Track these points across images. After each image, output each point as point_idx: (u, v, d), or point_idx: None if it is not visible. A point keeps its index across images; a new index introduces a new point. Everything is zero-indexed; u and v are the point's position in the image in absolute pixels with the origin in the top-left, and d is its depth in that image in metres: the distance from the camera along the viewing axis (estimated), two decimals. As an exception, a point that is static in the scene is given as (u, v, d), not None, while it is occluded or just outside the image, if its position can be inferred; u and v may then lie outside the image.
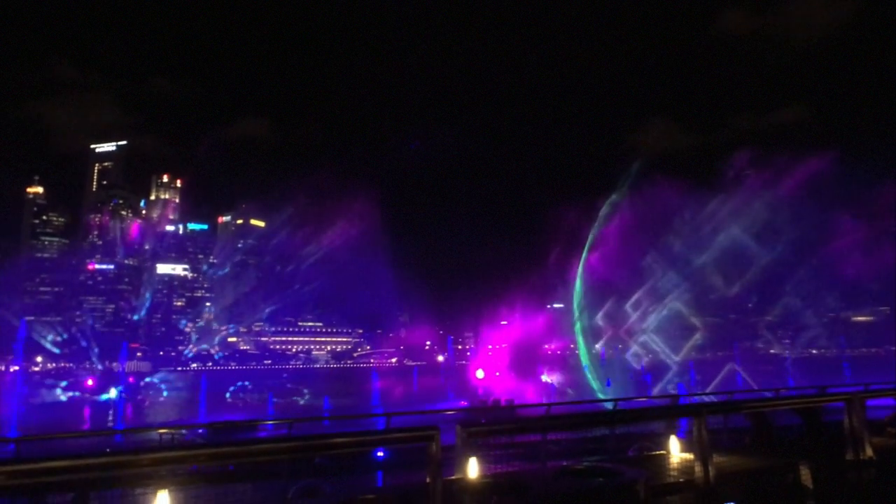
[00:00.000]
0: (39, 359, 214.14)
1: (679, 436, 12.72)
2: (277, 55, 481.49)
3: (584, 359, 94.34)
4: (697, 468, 9.09)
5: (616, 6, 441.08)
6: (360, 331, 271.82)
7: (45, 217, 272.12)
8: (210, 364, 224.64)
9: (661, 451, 13.05)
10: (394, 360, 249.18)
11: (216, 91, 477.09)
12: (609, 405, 28.53)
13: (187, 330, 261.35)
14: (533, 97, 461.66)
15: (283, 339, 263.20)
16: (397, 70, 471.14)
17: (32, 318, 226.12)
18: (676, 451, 11.88)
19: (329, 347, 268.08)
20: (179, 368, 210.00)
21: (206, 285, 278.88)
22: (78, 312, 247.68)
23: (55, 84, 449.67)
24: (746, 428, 17.32)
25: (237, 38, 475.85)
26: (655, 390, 74.13)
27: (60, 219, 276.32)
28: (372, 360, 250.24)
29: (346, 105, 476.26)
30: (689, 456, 10.27)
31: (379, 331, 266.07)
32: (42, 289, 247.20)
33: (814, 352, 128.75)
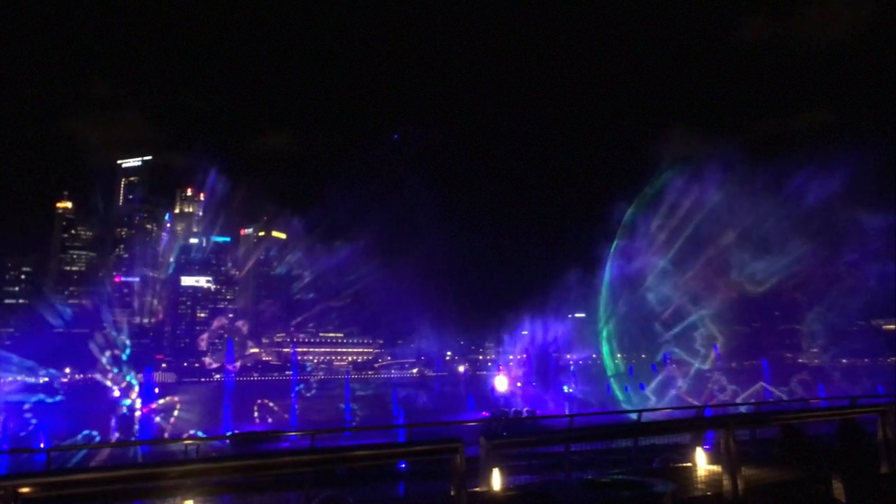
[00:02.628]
0: (68, 370, 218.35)
1: (705, 447, 12.48)
2: (300, 70, 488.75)
3: (609, 369, 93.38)
4: (725, 481, 8.90)
5: (636, 16, 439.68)
6: (381, 341, 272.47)
7: (73, 231, 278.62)
8: (234, 375, 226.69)
9: (687, 464, 12.81)
10: (414, 370, 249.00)
11: (240, 106, 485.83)
12: (633, 416, 28.16)
13: (211, 340, 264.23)
14: (554, 105, 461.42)
15: (305, 349, 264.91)
16: (416, 79, 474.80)
17: (62, 329, 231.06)
18: (703, 464, 11.65)
19: (350, 358, 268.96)
20: (203, 379, 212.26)
21: (228, 297, 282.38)
22: (105, 324, 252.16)
23: (86, 101, 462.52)
24: (775, 438, 16.92)
25: (260, 54, 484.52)
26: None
27: (88, 233, 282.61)
28: (392, 371, 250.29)
29: (367, 117, 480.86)
30: (717, 468, 10.07)
31: (399, 341, 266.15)
32: (71, 301, 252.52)
33: (844, 361, 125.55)
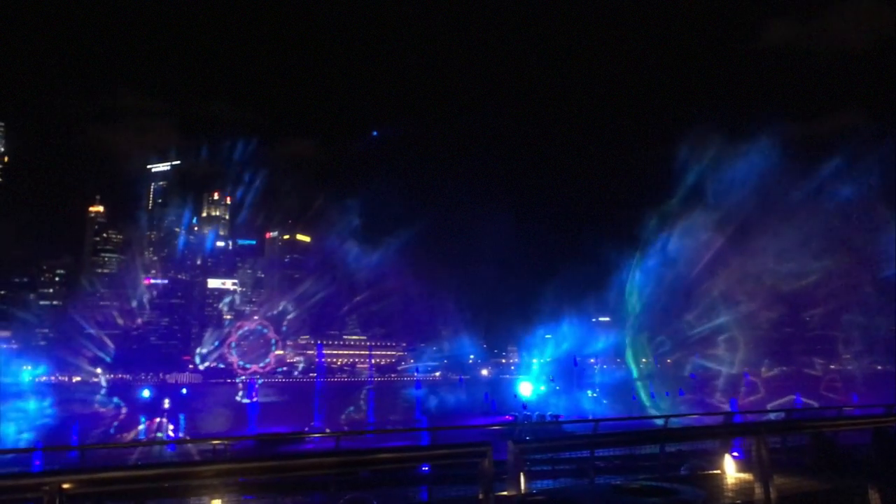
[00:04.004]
0: (99, 370, 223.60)
1: (733, 454, 12.25)
2: (326, 79, 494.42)
3: (634, 372, 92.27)
4: (757, 490, 8.70)
5: (660, 21, 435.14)
6: (404, 344, 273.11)
7: (105, 234, 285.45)
8: (259, 377, 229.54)
9: (716, 471, 12.59)
10: (437, 373, 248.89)
11: (266, 113, 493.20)
12: (660, 422, 27.72)
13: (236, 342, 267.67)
14: (580, 107, 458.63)
15: (329, 352, 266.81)
16: (441, 83, 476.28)
17: (93, 331, 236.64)
18: (732, 471, 11.44)
19: (373, 361, 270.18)
20: (229, 380, 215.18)
21: (254, 299, 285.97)
22: (135, 326, 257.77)
23: (118, 110, 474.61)
24: (807, 447, 16.50)
25: (287, 63, 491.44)
26: None
27: (119, 236, 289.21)
28: (416, 374, 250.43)
29: (391, 123, 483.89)
30: (746, 476, 9.87)
31: (422, 344, 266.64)
32: (102, 303, 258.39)
33: (879, 367, 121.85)
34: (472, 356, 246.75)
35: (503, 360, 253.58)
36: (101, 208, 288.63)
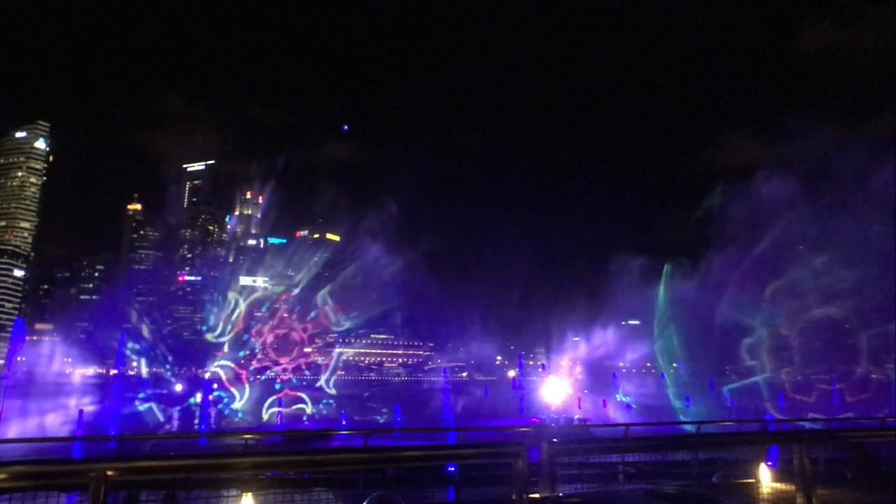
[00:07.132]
0: (135, 363, 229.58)
1: (768, 463, 11.99)
2: (360, 81, 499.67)
3: (666, 378, 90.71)
4: (800, 500, 8.46)
5: (696, 25, 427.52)
6: (431, 344, 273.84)
7: (142, 232, 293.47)
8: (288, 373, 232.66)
9: (750, 480, 12.35)
10: (464, 374, 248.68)
11: (302, 115, 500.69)
12: (691, 428, 27.22)
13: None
14: (612, 109, 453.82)
15: (356, 350, 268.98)
16: (470, 90, 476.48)
17: (130, 325, 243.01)
18: (767, 481, 11.21)
19: (400, 360, 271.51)
20: (258, 377, 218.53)
21: (283, 297, 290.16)
22: (169, 321, 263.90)
23: (157, 113, 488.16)
24: (844, 459, 16.02)
25: (323, 67, 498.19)
26: None
27: (155, 233, 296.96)
28: (442, 375, 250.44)
29: (423, 127, 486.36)
30: (782, 486, 9.65)
31: (449, 345, 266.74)
32: (139, 299, 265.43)
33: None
34: (499, 357, 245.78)
35: (530, 362, 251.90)
36: (138, 206, 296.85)
